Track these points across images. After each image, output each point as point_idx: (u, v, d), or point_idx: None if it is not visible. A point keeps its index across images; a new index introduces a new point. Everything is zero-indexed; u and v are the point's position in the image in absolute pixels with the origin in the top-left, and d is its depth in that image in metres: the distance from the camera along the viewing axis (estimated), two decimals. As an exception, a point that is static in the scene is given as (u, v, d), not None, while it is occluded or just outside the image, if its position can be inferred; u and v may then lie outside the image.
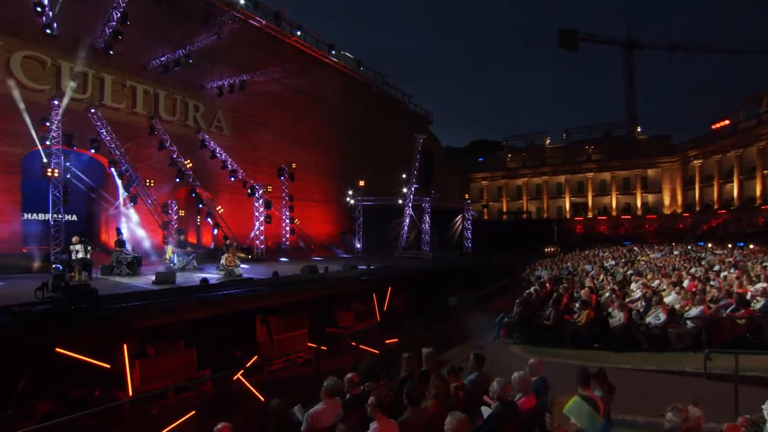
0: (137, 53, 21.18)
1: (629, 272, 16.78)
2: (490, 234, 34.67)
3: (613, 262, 22.67)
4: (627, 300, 10.66)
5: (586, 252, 30.86)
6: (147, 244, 18.75)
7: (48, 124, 17.12)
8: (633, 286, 12.98)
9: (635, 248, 31.12)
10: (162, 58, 21.85)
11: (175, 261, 15.39)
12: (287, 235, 27.43)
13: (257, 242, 22.11)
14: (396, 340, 10.97)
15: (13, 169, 17.43)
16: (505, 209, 56.38)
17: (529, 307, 10.39)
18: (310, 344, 11.56)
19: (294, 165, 27.90)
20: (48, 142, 16.78)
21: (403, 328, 12.44)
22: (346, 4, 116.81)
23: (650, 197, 50.71)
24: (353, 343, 12.25)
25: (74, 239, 12.48)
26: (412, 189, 27.59)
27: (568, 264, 23.77)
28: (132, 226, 19.44)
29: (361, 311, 13.69)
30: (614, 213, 51.12)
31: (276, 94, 29.26)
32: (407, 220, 27.47)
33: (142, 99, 21.52)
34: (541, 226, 46.83)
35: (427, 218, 27.21)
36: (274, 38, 29.27)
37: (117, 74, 20.53)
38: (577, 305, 10.15)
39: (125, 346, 7.91)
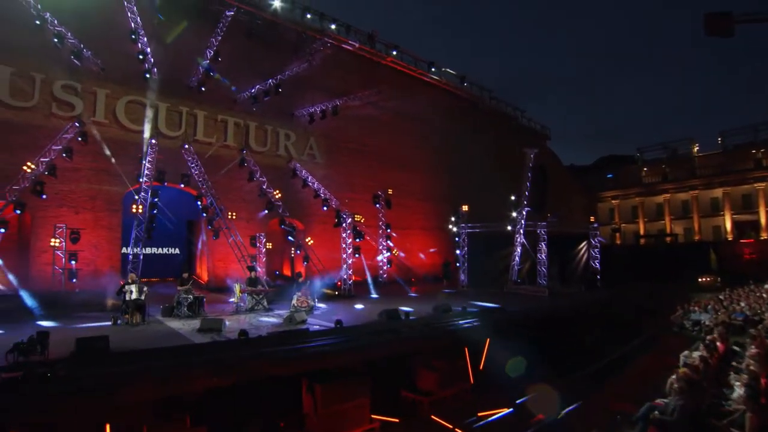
0: (228, 87, 21.29)
1: None
2: (625, 262, 28.66)
3: (816, 304, 16.25)
4: None
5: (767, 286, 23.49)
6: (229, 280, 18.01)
7: (143, 162, 17.59)
8: None
9: None
10: (252, 90, 21.77)
11: (246, 301, 14.07)
12: (384, 267, 25.40)
13: (345, 277, 20.31)
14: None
15: (115, 207, 18.06)
16: (642, 232, 47.95)
17: (697, 392, 6.52)
18: (375, 416, 8.95)
19: (390, 191, 26.03)
20: (141, 179, 17.11)
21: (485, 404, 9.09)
22: (448, 20, 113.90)
23: None
24: (433, 417, 9.38)
25: (130, 278, 11.73)
26: (524, 212, 23.70)
27: (742, 304, 17.73)
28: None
29: (448, 371, 10.67)
30: (801, 233, 40.03)
31: (372, 118, 27.99)
32: (519, 249, 23.58)
33: (233, 132, 21.51)
34: (691, 252, 38.06)
35: (543, 246, 23.05)
36: (368, 60, 28.23)
37: (209, 110, 20.77)
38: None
39: (108, 426, 6.10)
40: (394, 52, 29.34)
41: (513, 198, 24.44)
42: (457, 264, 25.71)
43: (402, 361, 10.15)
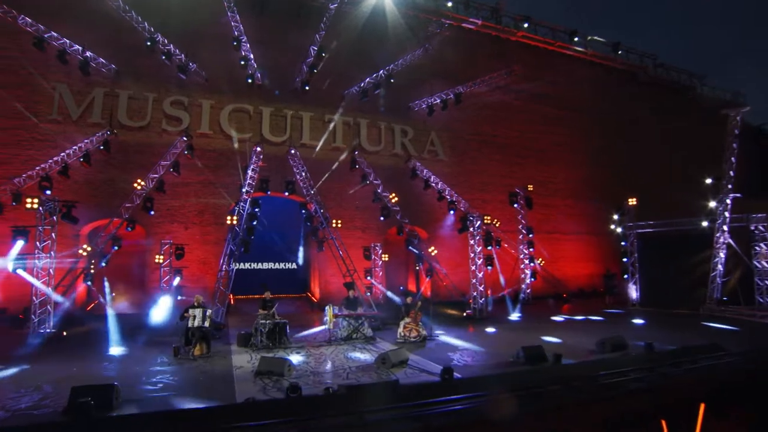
0: (334, 84, 19.46)
1: None
2: None
3: None
4: None
5: None
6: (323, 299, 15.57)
7: (247, 171, 16.47)
8: None
9: None
10: (361, 84, 19.57)
11: (342, 327, 11.28)
12: (527, 281, 20.81)
13: (475, 294, 16.42)
14: None
15: (222, 220, 17.16)
16: None
17: None
18: None
19: (530, 187, 21.42)
20: (243, 189, 15.90)
21: None
22: None
23: None
24: None
25: (195, 300, 9.77)
26: (728, 201, 16.86)
27: None
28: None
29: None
30: None
31: (503, 104, 23.81)
32: (722, 253, 16.83)
33: (342, 131, 19.46)
34: None
35: (763, 248, 16.04)
36: (494, 38, 24.15)
37: (315, 110, 19.07)
38: None
39: None
40: (526, 25, 24.72)
41: (709, 182, 17.68)
42: (625, 276, 19.81)
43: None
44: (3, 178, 14.78)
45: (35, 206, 11.31)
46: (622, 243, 19.65)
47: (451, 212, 20.50)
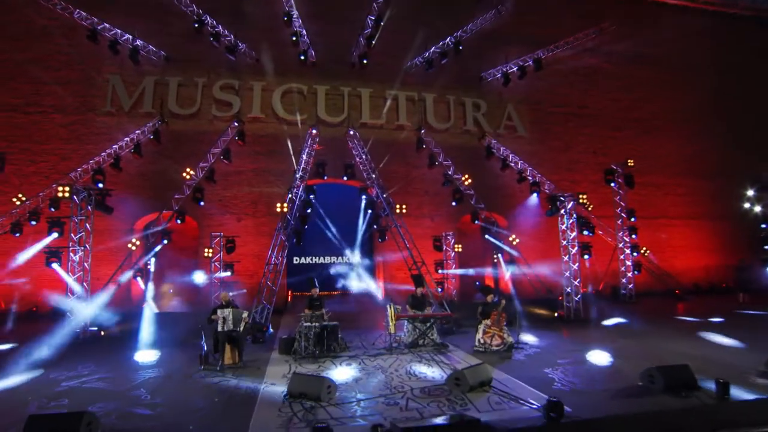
0: (395, 56, 17.43)
1: None
2: None
3: None
4: None
5: None
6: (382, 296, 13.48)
7: (301, 155, 14.95)
8: None
9: None
10: (426, 53, 17.34)
11: (406, 332, 9.17)
12: (629, 275, 17.40)
13: (569, 289, 13.54)
14: None
15: (275, 211, 15.78)
16: None
17: None
18: None
19: (630, 162, 17.90)
20: (297, 174, 14.38)
21: None
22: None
23: None
24: None
25: (223, 298, 8.10)
26: None
27: None
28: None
29: None
30: None
31: (592, 69, 20.46)
32: None
33: (406, 108, 17.36)
34: None
35: None
36: (579, -7, 20.75)
37: (375, 86, 17.15)
38: None
39: None
40: (619, -26, 21.02)
41: None
42: (766, 267, 15.75)
43: None
44: (63, 174, 14.55)
45: (66, 195, 10.48)
46: (762, 226, 15.62)
47: (534, 195, 17.66)
